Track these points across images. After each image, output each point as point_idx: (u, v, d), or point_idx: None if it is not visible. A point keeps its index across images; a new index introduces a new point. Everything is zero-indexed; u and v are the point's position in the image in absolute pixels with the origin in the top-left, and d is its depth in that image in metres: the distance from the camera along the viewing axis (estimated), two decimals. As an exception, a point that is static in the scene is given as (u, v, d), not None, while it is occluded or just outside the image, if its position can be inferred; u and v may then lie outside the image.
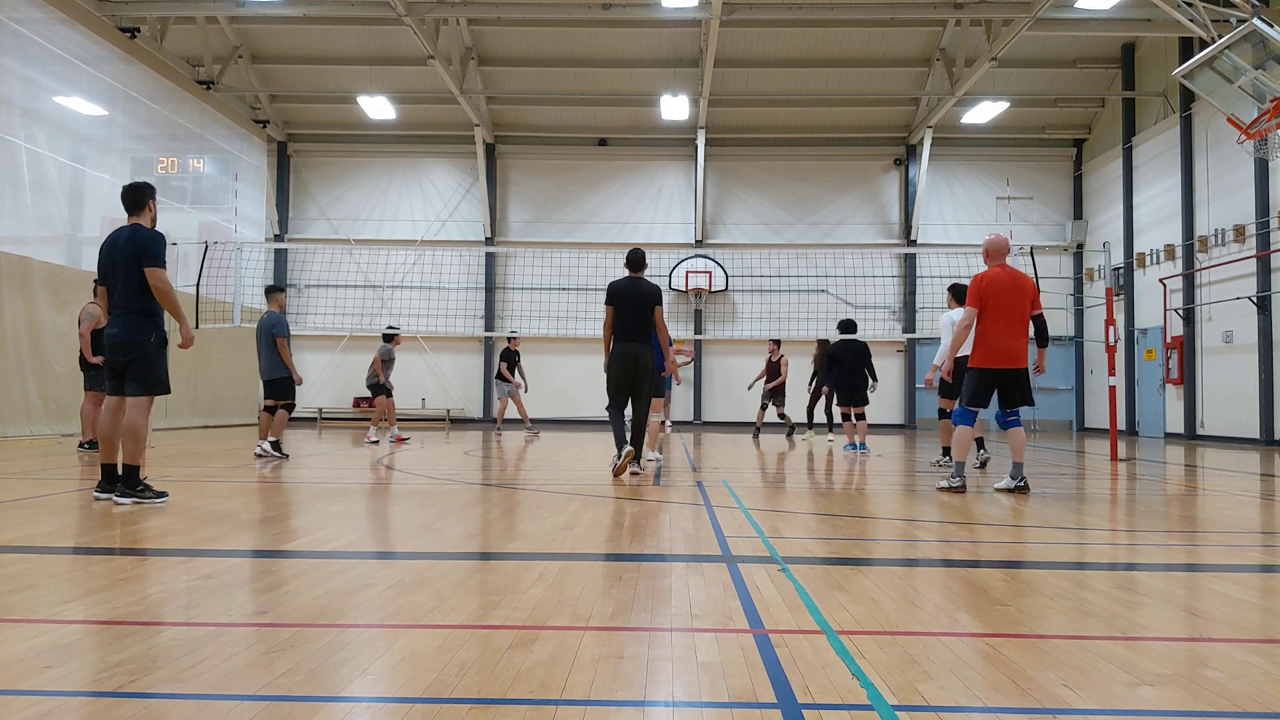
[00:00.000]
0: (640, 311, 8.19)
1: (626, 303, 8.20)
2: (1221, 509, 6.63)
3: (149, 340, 5.98)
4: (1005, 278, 7.11)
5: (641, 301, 8.20)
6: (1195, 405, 17.77)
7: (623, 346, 8.20)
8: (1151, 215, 19.58)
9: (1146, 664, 2.60)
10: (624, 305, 8.20)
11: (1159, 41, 18.75)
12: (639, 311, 8.18)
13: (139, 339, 5.96)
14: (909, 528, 5.37)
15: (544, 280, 22.01)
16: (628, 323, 8.18)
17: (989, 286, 7.05)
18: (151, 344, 6.00)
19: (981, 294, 7.05)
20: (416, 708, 2.19)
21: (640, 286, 8.27)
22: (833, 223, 22.69)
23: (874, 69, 20.71)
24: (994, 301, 7.02)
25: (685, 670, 2.50)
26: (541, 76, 21.18)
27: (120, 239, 6.02)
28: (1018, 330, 7.07)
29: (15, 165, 13.53)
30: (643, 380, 8.22)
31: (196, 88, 18.76)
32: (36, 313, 13.40)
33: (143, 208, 6.12)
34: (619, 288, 8.26)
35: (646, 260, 8.49)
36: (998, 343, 7.01)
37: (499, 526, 5.35)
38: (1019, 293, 7.07)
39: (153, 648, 2.64)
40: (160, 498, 6.02)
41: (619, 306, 8.19)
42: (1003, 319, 7.01)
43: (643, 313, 8.20)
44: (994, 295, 7.03)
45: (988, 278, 7.11)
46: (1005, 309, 7.01)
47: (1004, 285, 7.06)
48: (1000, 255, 7.29)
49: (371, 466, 9.63)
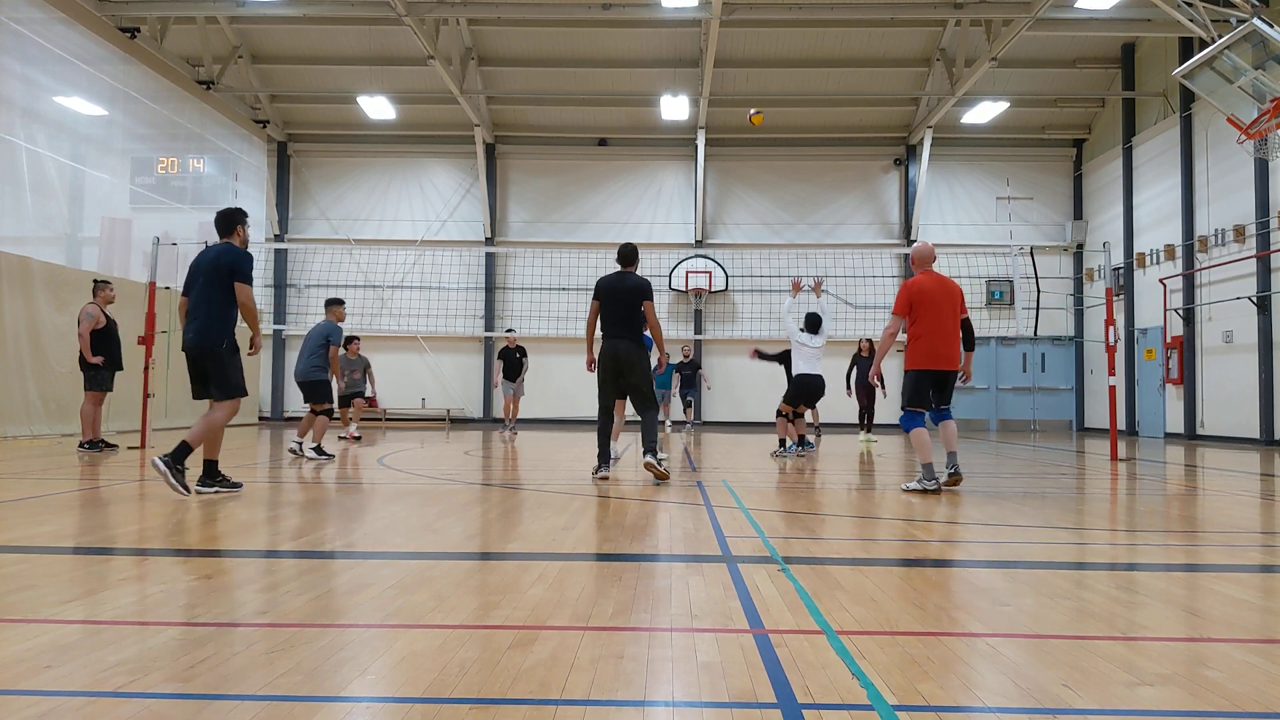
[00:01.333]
0: (625, 306, 7.81)
1: (611, 297, 7.84)
2: (1221, 509, 6.63)
3: (222, 347, 6.54)
4: (933, 284, 7.29)
5: (627, 296, 7.81)
6: (1195, 405, 17.77)
7: (606, 344, 7.87)
8: (1151, 215, 19.58)
9: (1146, 664, 2.61)
10: (609, 300, 7.85)
11: (1159, 41, 18.75)
12: (624, 306, 7.80)
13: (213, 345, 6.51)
14: (909, 528, 5.37)
15: (544, 280, 22.01)
16: (612, 319, 7.83)
17: (918, 293, 7.24)
18: (224, 350, 6.55)
19: (911, 301, 7.25)
20: (416, 708, 2.19)
21: (627, 280, 7.90)
22: (833, 223, 22.69)
23: (874, 69, 20.71)
24: (924, 308, 7.22)
25: (685, 670, 2.50)
26: (541, 76, 21.18)
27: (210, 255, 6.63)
28: (950, 333, 7.27)
29: (15, 165, 13.53)
30: (631, 379, 7.81)
31: (196, 88, 18.76)
32: (36, 313, 13.40)
33: (231, 232, 6.79)
34: (605, 282, 7.95)
35: (638, 256, 8.15)
36: (933, 346, 7.21)
37: (499, 526, 5.35)
38: (948, 298, 7.27)
39: (153, 648, 2.64)
40: (236, 487, 6.68)
41: (603, 301, 7.87)
42: (935, 323, 7.20)
43: (628, 308, 7.81)
44: (924, 302, 7.22)
45: (916, 285, 7.30)
46: (936, 314, 7.21)
47: (933, 291, 7.24)
48: (927, 262, 7.50)
49: (371, 466, 9.62)
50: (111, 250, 16.35)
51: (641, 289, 7.85)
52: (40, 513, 5.60)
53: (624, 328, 7.81)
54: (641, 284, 7.88)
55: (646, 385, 7.89)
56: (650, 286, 7.95)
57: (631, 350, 7.79)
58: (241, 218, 6.89)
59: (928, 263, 7.50)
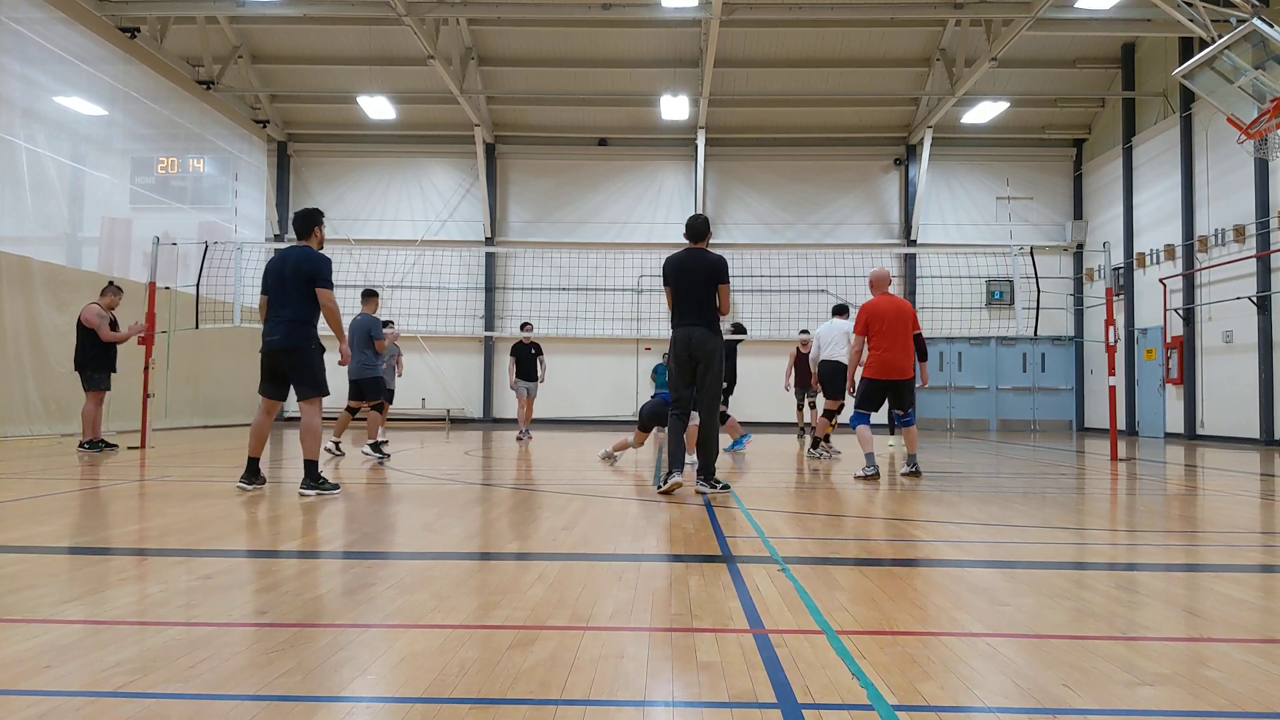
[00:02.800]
0: (695, 288, 6.88)
1: (683, 279, 6.93)
2: (1221, 509, 6.63)
3: (310, 347, 6.63)
4: (887, 306, 8.39)
5: (695, 276, 6.90)
6: (1195, 405, 17.77)
7: (679, 332, 6.91)
8: (1151, 215, 19.58)
9: (1146, 664, 2.61)
10: (680, 281, 6.94)
11: (1159, 41, 18.75)
12: (700, 288, 6.87)
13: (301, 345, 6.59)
14: (909, 528, 5.36)
15: (544, 280, 21.99)
16: (684, 303, 6.91)
17: (873, 316, 8.38)
18: (312, 350, 6.65)
19: (868, 323, 8.41)
20: (416, 708, 2.19)
21: (694, 259, 6.98)
22: (833, 223, 22.69)
23: (874, 69, 20.71)
24: (878, 328, 8.34)
25: (685, 670, 2.50)
26: (541, 76, 21.18)
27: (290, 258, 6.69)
28: (901, 347, 8.34)
29: (15, 165, 13.52)
30: (707, 374, 6.85)
31: (196, 88, 18.76)
32: (36, 313, 13.40)
33: (309, 233, 6.87)
34: (674, 261, 7.04)
35: (710, 229, 7.17)
36: (886, 358, 8.31)
37: (499, 526, 5.35)
38: (900, 318, 8.37)
39: (153, 648, 2.64)
40: (335, 489, 6.64)
41: (675, 283, 6.96)
42: (887, 339, 8.31)
43: (699, 290, 6.88)
44: (877, 323, 8.35)
45: (871, 308, 8.41)
46: (889, 332, 8.31)
47: (885, 313, 8.35)
48: (883, 286, 8.57)
49: (371, 466, 9.62)
50: (111, 250, 16.34)
51: (716, 268, 6.93)
52: (40, 513, 5.60)
53: (696, 314, 6.88)
54: (715, 262, 6.95)
55: (719, 384, 6.94)
56: (726, 266, 6.97)
57: (706, 338, 6.84)
58: (319, 219, 6.97)
59: (884, 286, 8.58)
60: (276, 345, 6.58)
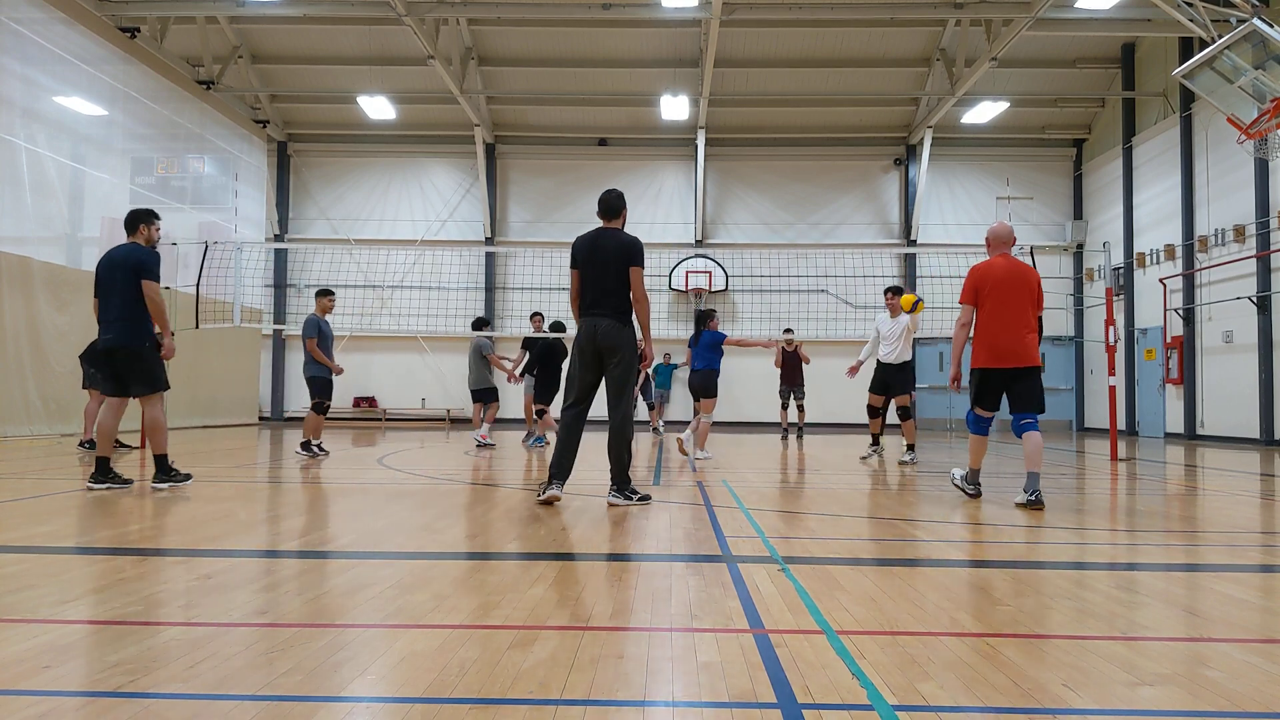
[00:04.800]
0: (606, 273, 6.02)
1: (592, 261, 6.04)
2: (1221, 509, 6.63)
3: (143, 345, 6.57)
4: (1004, 270, 6.34)
5: (607, 258, 6.02)
6: (1195, 405, 17.77)
7: (584, 322, 6.07)
8: (1151, 215, 19.57)
9: (1146, 664, 2.60)
10: (589, 264, 6.05)
11: (1159, 41, 18.75)
12: (609, 273, 6.02)
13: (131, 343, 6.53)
14: (909, 528, 5.36)
15: (544, 280, 21.98)
16: (593, 288, 6.05)
17: (983, 279, 6.35)
18: (146, 349, 6.59)
19: (977, 287, 6.37)
20: (416, 708, 2.19)
21: (607, 237, 6.10)
22: (833, 223, 22.69)
23: (874, 69, 20.71)
24: (992, 295, 6.28)
25: (685, 670, 2.50)
26: (541, 76, 21.18)
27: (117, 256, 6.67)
28: (1016, 325, 6.24)
29: (15, 165, 13.53)
30: (615, 370, 6.04)
31: (196, 88, 18.75)
32: (36, 313, 13.40)
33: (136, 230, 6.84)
34: (582, 242, 6.15)
35: (625, 204, 6.27)
36: (999, 340, 6.25)
37: (499, 526, 5.35)
38: (1019, 286, 6.29)
39: (153, 648, 2.64)
40: (187, 480, 6.82)
41: (583, 266, 6.09)
42: (1002, 313, 6.25)
43: (615, 275, 6.01)
44: (992, 289, 6.29)
45: (983, 271, 6.39)
46: (1004, 302, 6.25)
47: (1000, 278, 6.31)
48: (1003, 245, 6.54)
49: (372, 467, 9.62)
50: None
51: (629, 250, 6.04)
52: (40, 513, 5.60)
53: (608, 301, 6.02)
54: (628, 243, 6.07)
55: (629, 380, 6.10)
56: (640, 247, 6.08)
57: (613, 331, 6.00)
58: (147, 217, 6.90)
59: (1005, 245, 6.53)
60: (110, 344, 6.59)
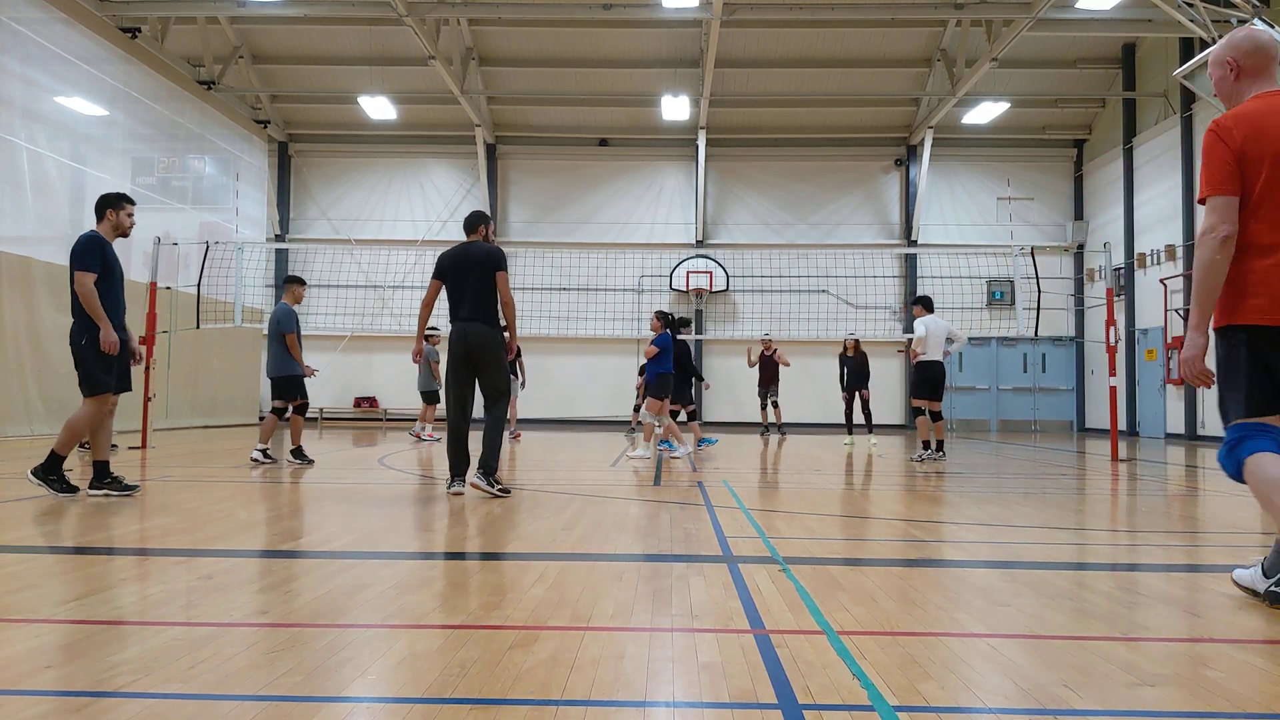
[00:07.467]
0: (476, 279, 6.63)
1: (459, 271, 6.68)
2: (1221, 509, 6.63)
3: (81, 342, 6.24)
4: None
5: (478, 267, 6.63)
6: (1196, 406, 17.77)
7: (454, 327, 6.68)
8: (1152, 215, 19.57)
9: (1146, 664, 2.60)
10: (455, 274, 6.69)
11: (1159, 42, 18.74)
12: (475, 280, 6.62)
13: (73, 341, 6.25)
14: (909, 528, 5.36)
15: (545, 280, 21.96)
16: (461, 297, 6.65)
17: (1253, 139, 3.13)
18: (83, 345, 6.24)
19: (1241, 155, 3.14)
20: (417, 708, 2.19)
21: (473, 248, 6.73)
22: (833, 223, 22.69)
23: (874, 69, 20.70)
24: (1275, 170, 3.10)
25: (686, 670, 2.50)
26: (542, 76, 21.18)
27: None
28: None
29: (16, 165, 13.52)
30: (487, 370, 6.63)
31: (197, 88, 18.75)
32: (37, 313, 13.39)
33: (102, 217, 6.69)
34: (449, 255, 6.79)
35: (485, 219, 6.96)
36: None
37: (499, 526, 5.35)
38: None
39: (153, 648, 2.64)
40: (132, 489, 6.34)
41: (449, 277, 6.72)
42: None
43: (480, 281, 6.63)
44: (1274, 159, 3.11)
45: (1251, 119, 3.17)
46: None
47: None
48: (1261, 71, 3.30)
49: (371, 466, 9.62)
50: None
51: (493, 257, 6.69)
52: (40, 513, 5.61)
53: (477, 307, 6.62)
54: (491, 252, 6.72)
55: (502, 380, 6.73)
56: (504, 255, 6.77)
57: (483, 334, 6.61)
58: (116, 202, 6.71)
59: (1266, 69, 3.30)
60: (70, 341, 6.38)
